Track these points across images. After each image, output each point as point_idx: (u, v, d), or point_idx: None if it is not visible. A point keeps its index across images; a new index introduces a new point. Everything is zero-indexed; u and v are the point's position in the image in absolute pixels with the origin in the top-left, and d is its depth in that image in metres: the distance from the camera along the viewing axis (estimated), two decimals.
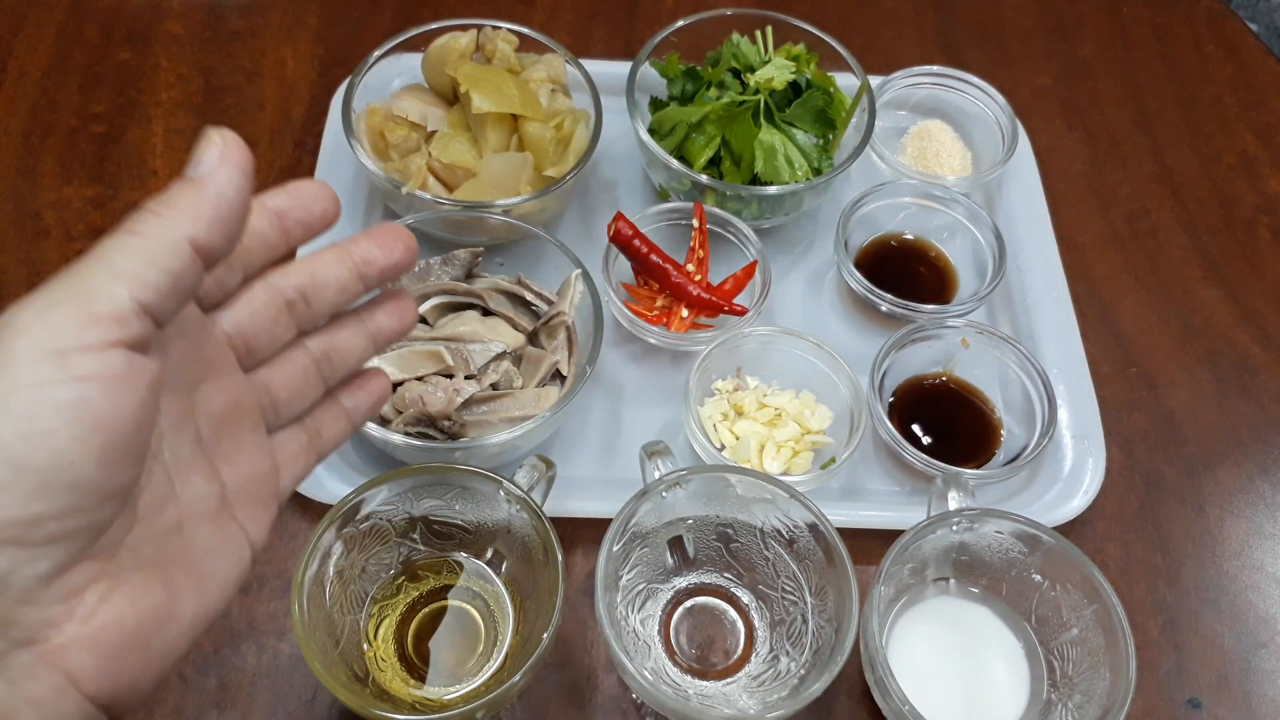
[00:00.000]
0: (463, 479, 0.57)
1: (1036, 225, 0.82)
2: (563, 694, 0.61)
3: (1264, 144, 0.92)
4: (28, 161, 0.82)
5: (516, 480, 0.57)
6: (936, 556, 0.61)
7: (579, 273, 0.68)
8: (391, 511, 0.58)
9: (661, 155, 0.75)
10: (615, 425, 0.71)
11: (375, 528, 0.58)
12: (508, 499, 0.57)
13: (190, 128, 0.85)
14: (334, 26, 0.93)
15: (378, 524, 0.58)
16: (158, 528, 0.32)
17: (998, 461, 0.70)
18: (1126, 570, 0.68)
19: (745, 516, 0.61)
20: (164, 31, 0.91)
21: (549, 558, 0.54)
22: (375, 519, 0.57)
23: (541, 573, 0.56)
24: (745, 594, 0.63)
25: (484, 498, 0.58)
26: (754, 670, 0.60)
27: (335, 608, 0.56)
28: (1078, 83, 0.96)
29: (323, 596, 0.54)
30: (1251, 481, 0.73)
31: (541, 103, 0.76)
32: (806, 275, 0.80)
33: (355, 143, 0.73)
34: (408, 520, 0.59)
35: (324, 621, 0.54)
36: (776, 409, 0.69)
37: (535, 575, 0.57)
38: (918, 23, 0.99)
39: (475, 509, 0.59)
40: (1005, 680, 0.60)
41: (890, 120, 0.87)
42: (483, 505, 0.59)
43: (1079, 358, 0.75)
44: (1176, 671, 0.64)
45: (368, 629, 0.58)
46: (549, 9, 0.96)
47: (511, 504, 0.57)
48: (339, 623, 0.56)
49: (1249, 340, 0.80)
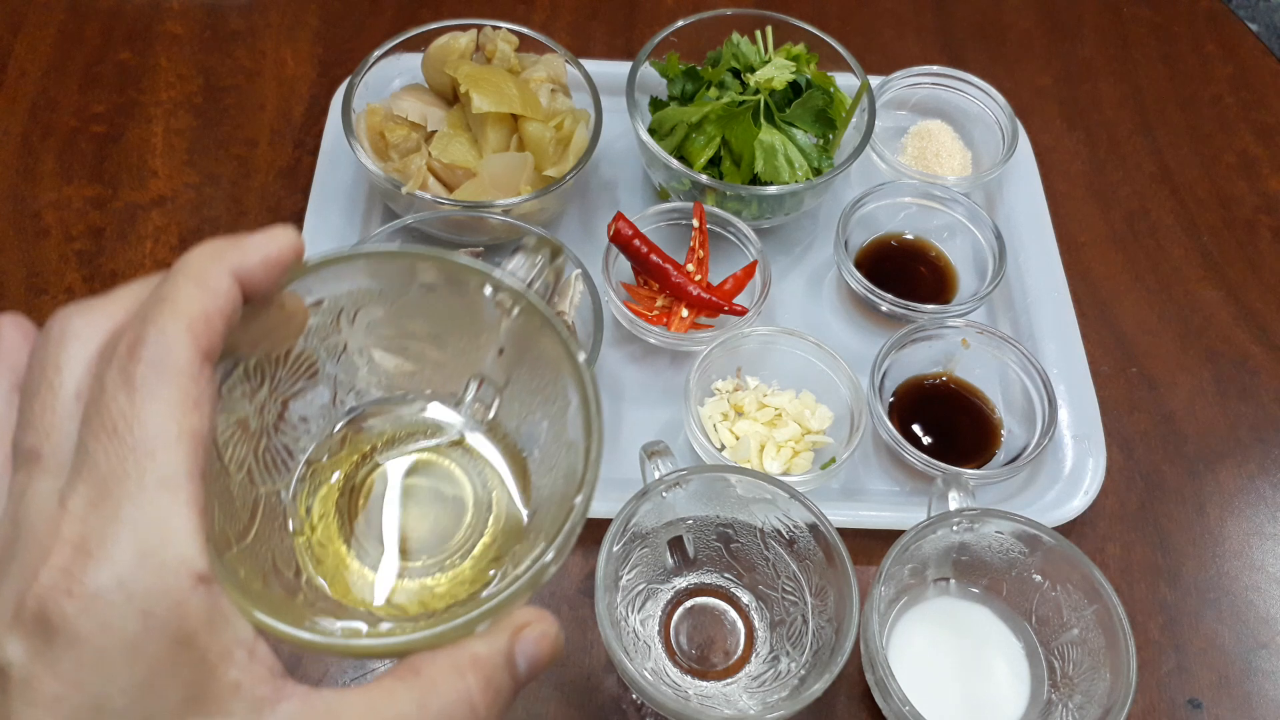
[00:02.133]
0: (430, 270, 0.37)
1: (1036, 225, 0.82)
2: (562, 694, 0.61)
3: (1264, 144, 0.92)
4: (28, 161, 0.82)
5: (509, 269, 0.38)
6: (937, 557, 0.61)
7: (579, 273, 0.68)
8: (323, 326, 0.37)
9: (661, 155, 0.75)
10: (615, 425, 0.71)
11: (299, 351, 0.37)
12: (499, 300, 0.36)
13: (190, 128, 0.85)
14: (334, 26, 0.93)
15: (303, 346, 0.37)
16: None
17: (998, 462, 0.70)
18: (1127, 570, 0.68)
19: (745, 516, 0.61)
20: (164, 31, 0.91)
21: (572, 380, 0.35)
22: (302, 339, 0.36)
23: (554, 406, 0.37)
24: (745, 594, 0.63)
25: (463, 302, 0.37)
26: (754, 671, 0.60)
27: (241, 475, 0.35)
28: (1078, 83, 0.96)
29: (218, 459, 0.34)
30: (1252, 481, 0.73)
31: (541, 103, 0.76)
32: (806, 275, 0.80)
33: (355, 143, 0.73)
34: (347, 342, 0.38)
35: (221, 495, 0.34)
36: (776, 409, 0.69)
37: (545, 411, 0.38)
38: (918, 23, 0.99)
39: (450, 319, 0.39)
40: (1006, 680, 0.59)
41: (890, 120, 0.87)
42: (462, 313, 0.38)
43: (1079, 358, 0.75)
44: (1177, 672, 0.64)
45: (295, 505, 0.38)
46: (549, 9, 0.96)
47: (506, 309, 0.36)
48: (245, 498, 0.36)
49: (1249, 340, 0.80)
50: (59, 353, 0.27)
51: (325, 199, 0.78)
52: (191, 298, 0.27)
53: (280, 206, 0.81)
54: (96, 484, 0.25)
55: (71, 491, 0.25)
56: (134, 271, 0.76)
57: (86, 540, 0.24)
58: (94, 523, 0.24)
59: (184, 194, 0.81)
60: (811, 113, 0.77)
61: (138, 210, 0.80)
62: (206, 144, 0.84)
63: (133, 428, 0.25)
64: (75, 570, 0.24)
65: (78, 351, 0.27)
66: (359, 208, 0.78)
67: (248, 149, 0.84)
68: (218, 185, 0.82)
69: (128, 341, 0.26)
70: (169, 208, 0.80)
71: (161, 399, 0.25)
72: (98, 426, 0.25)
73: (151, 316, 0.26)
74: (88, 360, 0.27)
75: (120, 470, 0.25)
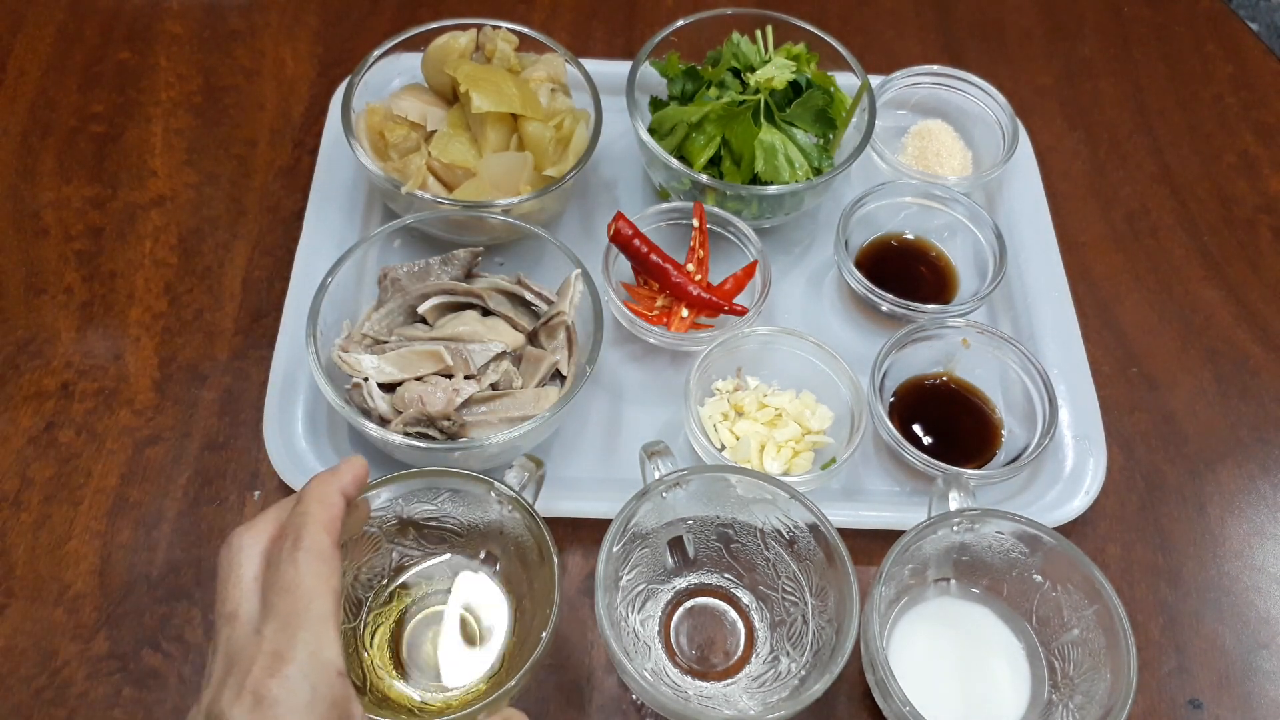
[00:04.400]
0: (453, 482, 0.57)
1: (1037, 225, 0.82)
2: (562, 695, 0.61)
3: (1264, 144, 0.92)
4: (27, 161, 0.82)
5: (506, 480, 0.57)
6: (937, 557, 0.61)
7: (579, 273, 0.68)
8: (382, 517, 0.58)
9: (661, 155, 0.75)
10: (615, 425, 0.71)
11: (366, 534, 0.58)
12: (499, 500, 0.57)
13: (189, 127, 0.85)
14: (334, 26, 0.93)
15: (368, 530, 0.58)
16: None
17: (998, 462, 0.70)
18: (1127, 570, 0.68)
19: (745, 517, 0.61)
20: (164, 31, 0.91)
21: (544, 557, 0.54)
22: (367, 525, 0.57)
23: (537, 572, 0.56)
24: (745, 595, 0.63)
25: (475, 499, 0.58)
26: (754, 671, 0.60)
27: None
28: (1078, 82, 0.96)
29: None
30: (1252, 481, 0.73)
31: (541, 102, 0.76)
32: (806, 275, 0.80)
33: (355, 142, 0.73)
34: (398, 524, 0.59)
35: None
36: (777, 409, 0.69)
37: (531, 575, 0.57)
38: (918, 22, 0.99)
39: (467, 511, 0.59)
40: (1006, 681, 0.59)
41: (890, 120, 0.87)
42: (474, 507, 0.59)
43: (1080, 358, 0.75)
44: (1177, 672, 0.64)
45: (364, 637, 0.58)
46: (549, 9, 0.96)
47: (503, 505, 0.57)
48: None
49: (1249, 340, 0.80)
50: (239, 555, 0.45)
51: (325, 199, 0.78)
52: (323, 509, 0.46)
53: (280, 206, 0.80)
54: (280, 621, 0.42)
55: (264, 625, 0.42)
56: (133, 271, 0.76)
57: (279, 650, 0.42)
58: (282, 641, 0.42)
59: (183, 194, 0.81)
60: (811, 112, 0.77)
61: (137, 210, 0.80)
62: (206, 144, 0.84)
63: (300, 587, 0.43)
64: (274, 666, 0.41)
65: (249, 554, 0.45)
66: (359, 207, 0.78)
67: (247, 149, 0.84)
68: (217, 185, 0.82)
69: (291, 539, 0.45)
70: (168, 207, 0.80)
71: (314, 571, 0.44)
72: (279, 589, 0.43)
73: (303, 523, 0.45)
74: (256, 558, 0.45)
75: (294, 611, 0.42)
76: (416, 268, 0.70)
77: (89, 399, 0.70)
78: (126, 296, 0.75)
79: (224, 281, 0.76)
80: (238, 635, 0.43)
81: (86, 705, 0.59)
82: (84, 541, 0.64)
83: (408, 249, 0.73)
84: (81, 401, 0.70)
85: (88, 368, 0.71)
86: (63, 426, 0.69)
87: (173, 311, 0.75)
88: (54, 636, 0.61)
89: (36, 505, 0.66)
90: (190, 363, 0.72)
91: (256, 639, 0.42)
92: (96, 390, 0.70)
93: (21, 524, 0.65)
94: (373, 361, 0.65)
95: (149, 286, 0.76)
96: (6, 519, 0.65)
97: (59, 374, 0.71)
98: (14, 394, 0.70)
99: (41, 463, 0.67)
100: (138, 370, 0.72)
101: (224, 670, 0.42)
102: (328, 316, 0.65)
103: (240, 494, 0.67)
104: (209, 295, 0.76)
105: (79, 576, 0.63)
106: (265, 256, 0.78)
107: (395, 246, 0.73)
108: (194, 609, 0.62)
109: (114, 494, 0.66)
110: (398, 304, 0.69)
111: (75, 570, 0.63)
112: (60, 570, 0.63)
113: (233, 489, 0.67)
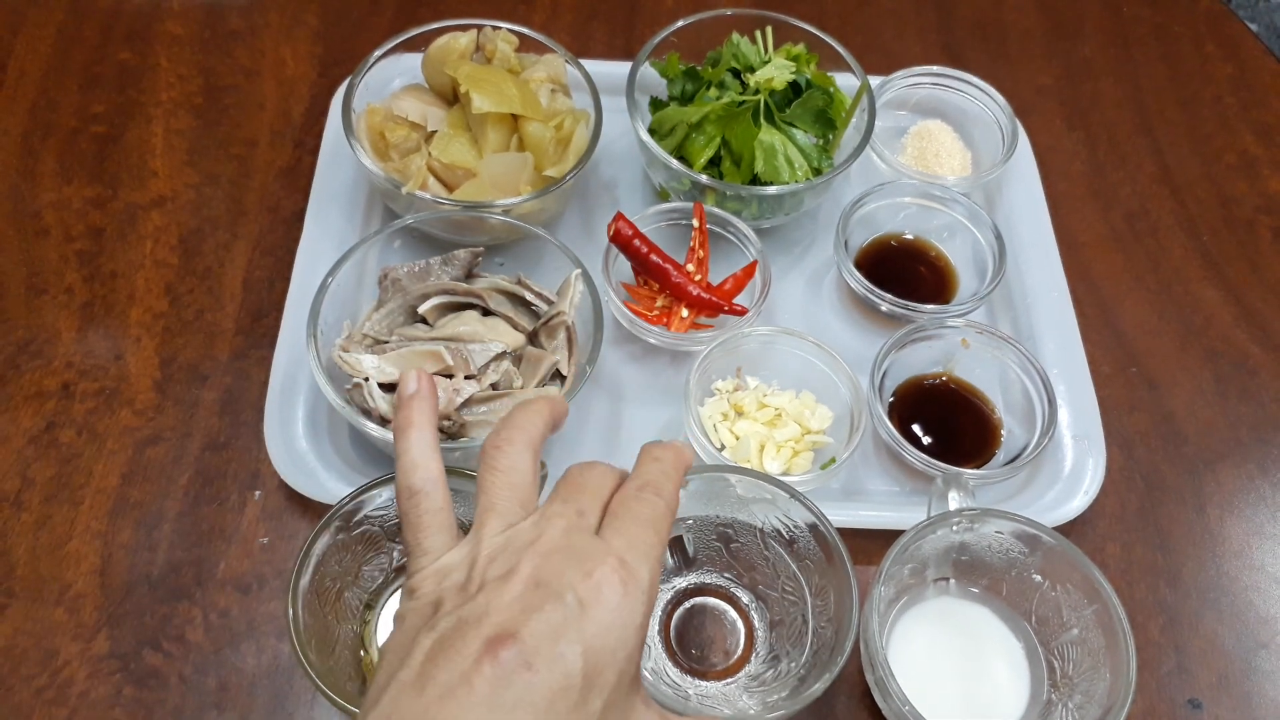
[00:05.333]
0: (454, 481, 0.57)
1: (1036, 225, 0.82)
2: None
3: (1264, 144, 0.92)
4: (27, 161, 0.82)
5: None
6: (937, 557, 0.61)
7: (579, 273, 0.68)
8: (384, 516, 0.58)
9: (661, 155, 0.75)
10: (615, 425, 0.71)
11: (367, 534, 0.58)
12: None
13: (190, 127, 0.85)
14: (334, 26, 0.93)
15: (369, 530, 0.58)
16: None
17: (998, 462, 0.70)
18: (1127, 570, 0.68)
19: (745, 516, 0.61)
20: (164, 31, 0.91)
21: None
22: (368, 524, 0.57)
23: None
24: (745, 594, 0.63)
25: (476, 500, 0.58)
26: (754, 670, 0.60)
27: (331, 615, 0.56)
28: (1078, 83, 0.96)
29: (319, 605, 0.54)
30: (1252, 481, 0.73)
31: (541, 103, 0.76)
32: (806, 275, 0.80)
33: (355, 143, 0.73)
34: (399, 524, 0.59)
35: (320, 630, 0.54)
36: (776, 409, 0.69)
37: None
38: (918, 22, 0.99)
39: (468, 511, 0.59)
40: (1005, 680, 0.59)
41: (890, 120, 0.87)
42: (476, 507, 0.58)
43: (1079, 358, 0.75)
44: (1177, 672, 0.64)
45: (364, 636, 0.58)
46: (549, 9, 0.96)
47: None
48: (335, 630, 0.56)
49: (1249, 340, 0.80)
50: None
51: (325, 199, 0.78)
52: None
53: (280, 206, 0.81)
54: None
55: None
56: (134, 272, 0.76)
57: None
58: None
59: (184, 194, 0.81)
60: (811, 113, 0.77)
61: (137, 210, 0.80)
62: (206, 144, 0.84)
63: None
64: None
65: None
66: (359, 208, 0.79)
67: (247, 149, 0.84)
68: (217, 185, 0.82)
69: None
70: (169, 208, 0.80)
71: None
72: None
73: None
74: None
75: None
76: (417, 268, 0.70)
77: (90, 399, 0.70)
78: (127, 297, 0.75)
79: (225, 282, 0.76)
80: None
81: (87, 705, 0.59)
82: (85, 541, 0.64)
83: (408, 249, 0.73)
84: (82, 401, 0.70)
85: (88, 368, 0.72)
86: (63, 426, 0.69)
87: (173, 312, 0.75)
88: (55, 636, 0.61)
89: (37, 505, 0.66)
90: (191, 363, 0.72)
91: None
92: (97, 390, 0.71)
93: (22, 524, 0.65)
94: (373, 361, 0.65)
95: (149, 287, 0.76)
96: (7, 519, 0.65)
97: (60, 374, 0.71)
98: (14, 394, 0.70)
99: (42, 463, 0.67)
100: (138, 370, 0.72)
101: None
102: (328, 316, 0.65)
103: (241, 494, 0.67)
104: (210, 295, 0.76)
105: (80, 576, 0.63)
106: (266, 257, 0.78)
107: (395, 247, 0.73)
108: (194, 609, 0.62)
109: (115, 494, 0.66)
110: (398, 304, 0.69)
111: (76, 570, 0.63)
112: (61, 570, 0.63)
113: (233, 489, 0.67)
